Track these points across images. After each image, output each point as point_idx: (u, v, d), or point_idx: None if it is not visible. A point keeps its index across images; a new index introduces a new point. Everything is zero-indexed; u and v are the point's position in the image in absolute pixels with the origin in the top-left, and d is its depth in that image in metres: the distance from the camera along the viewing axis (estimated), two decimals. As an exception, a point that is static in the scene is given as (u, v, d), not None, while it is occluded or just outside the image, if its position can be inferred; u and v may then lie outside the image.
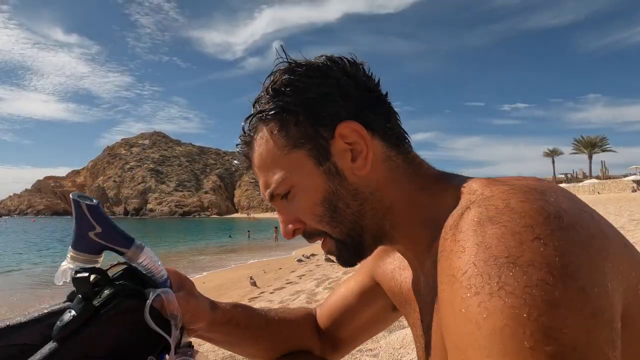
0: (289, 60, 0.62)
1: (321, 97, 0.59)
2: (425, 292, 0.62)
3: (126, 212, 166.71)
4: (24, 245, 29.88)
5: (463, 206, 0.50)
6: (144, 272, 0.64)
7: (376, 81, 0.65)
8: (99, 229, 0.59)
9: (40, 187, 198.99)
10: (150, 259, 0.64)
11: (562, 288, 0.37)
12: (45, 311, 0.60)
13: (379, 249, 0.71)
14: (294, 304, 6.39)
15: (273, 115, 0.61)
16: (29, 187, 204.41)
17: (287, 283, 9.43)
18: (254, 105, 0.64)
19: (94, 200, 0.60)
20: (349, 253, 0.65)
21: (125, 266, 0.65)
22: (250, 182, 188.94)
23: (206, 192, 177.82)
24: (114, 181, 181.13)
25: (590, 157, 72.16)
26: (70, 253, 0.60)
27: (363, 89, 0.62)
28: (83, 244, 0.59)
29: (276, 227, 32.65)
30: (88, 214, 0.59)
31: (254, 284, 9.90)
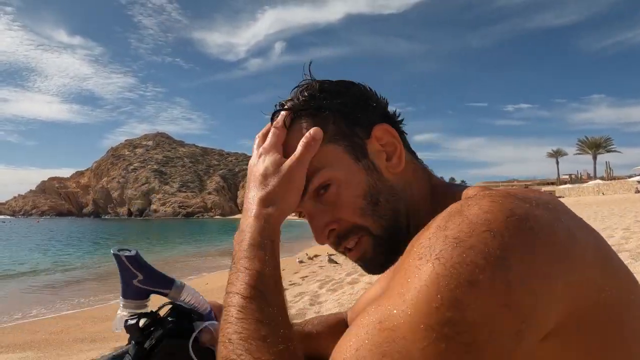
0: (311, 78, 0.67)
1: (353, 103, 0.65)
2: None
3: (130, 213, 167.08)
4: (43, 245, 30.01)
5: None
6: (187, 308, 0.69)
7: (386, 101, 0.71)
8: (141, 277, 0.65)
9: (44, 188, 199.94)
10: (192, 296, 0.68)
11: (488, 274, 0.41)
12: (112, 354, 0.66)
13: None
14: (297, 305, 6.37)
15: (307, 114, 0.64)
16: (33, 188, 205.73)
17: (290, 284, 9.41)
18: (282, 105, 0.66)
19: (132, 251, 0.66)
20: (385, 252, 0.66)
21: (171, 305, 0.69)
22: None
23: (209, 193, 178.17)
24: (118, 182, 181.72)
25: (594, 158, 71.86)
26: (121, 302, 0.66)
27: (381, 102, 0.70)
28: (130, 292, 0.66)
29: (279, 228, 32.61)
30: (129, 264, 0.64)
31: (256, 285, 9.88)
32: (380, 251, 0.66)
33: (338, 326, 0.96)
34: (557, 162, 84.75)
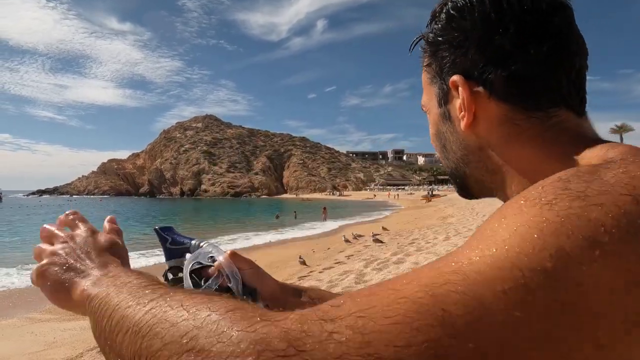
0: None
1: (454, 47, 0.59)
2: None
3: (182, 193, 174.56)
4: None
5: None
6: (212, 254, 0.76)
7: (543, 28, 0.54)
8: (170, 239, 0.79)
9: (104, 169, 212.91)
10: (210, 246, 0.77)
11: (617, 238, 0.31)
12: None
13: None
14: (342, 283, 6.51)
15: (425, 52, 0.66)
16: (94, 169, 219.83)
17: (336, 263, 9.58)
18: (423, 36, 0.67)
19: (165, 225, 0.82)
20: (456, 186, 0.69)
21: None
22: (299, 164, 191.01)
23: (256, 174, 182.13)
24: (170, 163, 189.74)
25: (665, 133, 65.96)
26: (166, 269, 0.78)
27: (499, 43, 0.55)
28: (167, 255, 0.79)
29: (324, 208, 32.98)
30: (161, 232, 0.79)
31: (303, 262, 10.15)
32: (454, 182, 0.69)
33: None
34: (622, 139, 78.75)
